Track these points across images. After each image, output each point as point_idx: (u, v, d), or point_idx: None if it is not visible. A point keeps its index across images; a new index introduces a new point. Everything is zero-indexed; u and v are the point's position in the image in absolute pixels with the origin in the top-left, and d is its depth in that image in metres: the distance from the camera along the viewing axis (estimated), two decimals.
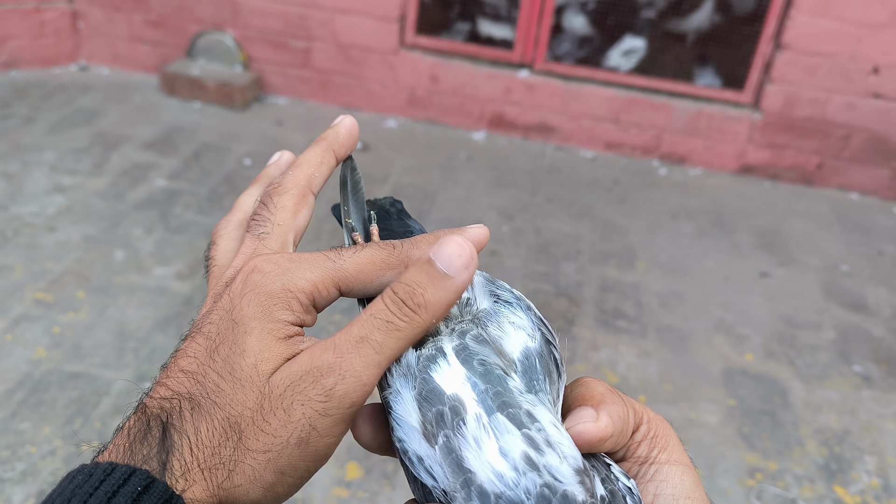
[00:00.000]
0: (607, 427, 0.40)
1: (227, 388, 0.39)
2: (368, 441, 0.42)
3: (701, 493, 0.43)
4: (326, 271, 0.43)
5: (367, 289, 0.44)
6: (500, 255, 3.08)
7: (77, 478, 0.36)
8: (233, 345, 0.40)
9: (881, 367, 2.68)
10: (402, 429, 0.39)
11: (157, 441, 0.38)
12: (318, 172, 0.50)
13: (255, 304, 0.41)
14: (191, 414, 0.39)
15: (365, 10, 3.97)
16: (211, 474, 0.38)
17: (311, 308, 0.43)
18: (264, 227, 0.47)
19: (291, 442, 0.38)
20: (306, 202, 0.49)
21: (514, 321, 0.43)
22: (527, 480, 0.35)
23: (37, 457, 1.97)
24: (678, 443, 0.44)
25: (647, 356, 2.60)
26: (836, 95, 3.74)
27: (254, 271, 0.42)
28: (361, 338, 0.39)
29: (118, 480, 0.35)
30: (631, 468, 0.43)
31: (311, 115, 4.15)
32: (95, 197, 3.16)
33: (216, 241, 0.49)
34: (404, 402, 0.39)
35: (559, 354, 0.43)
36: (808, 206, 3.79)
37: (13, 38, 4.16)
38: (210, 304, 0.44)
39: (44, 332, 2.38)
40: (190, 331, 0.43)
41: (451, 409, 0.38)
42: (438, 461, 0.37)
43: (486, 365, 0.40)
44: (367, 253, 0.44)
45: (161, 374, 0.42)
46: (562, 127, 4.09)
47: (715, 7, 3.89)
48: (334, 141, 0.52)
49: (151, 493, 0.35)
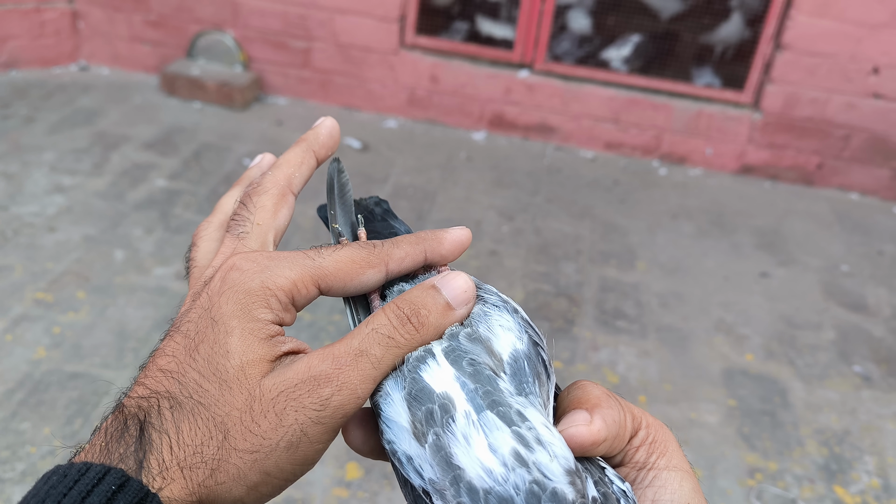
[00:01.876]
0: (600, 431, 0.39)
1: (212, 389, 0.39)
2: (359, 445, 0.42)
3: (700, 500, 0.42)
4: (306, 269, 0.42)
5: (347, 287, 0.44)
6: (500, 255, 3.08)
7: (52, 478, 0.36)
8: (214, 344, 0.40)
9: (881, 367, 2.67)
10: (391, 430, 0.39)
11: (133, 440, 0.38)
12: (298, 172, 0.50)
13: (234, 302, 0.41)
14: (171, 413, 0.39)
15: (365, 10, 3.97)
16: (191, 472, 0.38)
17: (291, 306, 0.43)
18: (244, 226, 0.47)
19: (281, 445, 0.38)
20: (286, 202, 0.49)
21: (503, 324, 0.43)
22: (516, 476, 0.35)
23: (37, 457, 1.97)
24: (678, 448, 0.44)
25: (647, 356, 2.60)
26: (836, 95, 3.74)
27: (232, 269, 0.42)
28: (361, 351, 0.39)
29: (92, 480, 0.35)
30: (629, 473, 0.42)
31: (311, 115, 4.15)
32: (95, 197, 3.16)
33: (197, 242, 0.49)
34: (394, 404, 0.39)
35: (547, 356, 0.43)
36: (808, 206, 3.79)
37: (13, 38, 4.16)
38: (189, 303, 0.43)
39: (44, 332, 2.38)
40: (169, 330, 0.43)
41: (441, 406, 0.38)
42: (428, 460, 0.37)
43: (476, 365, 0.40)
44: (347, 251, 0.44)
45: (140, 373, 0.42)
46: (562, 127, 4.09)
47: (744, 21, 3.84)
48: (314, 142, 0.52)
49: (126, 492, 0.35)
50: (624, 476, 0.42)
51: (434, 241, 0.46)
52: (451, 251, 0.47)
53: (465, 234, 0.47)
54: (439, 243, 0.46)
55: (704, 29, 3.96)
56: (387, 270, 0.45)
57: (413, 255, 0.46)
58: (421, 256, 0.46)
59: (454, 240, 0.46)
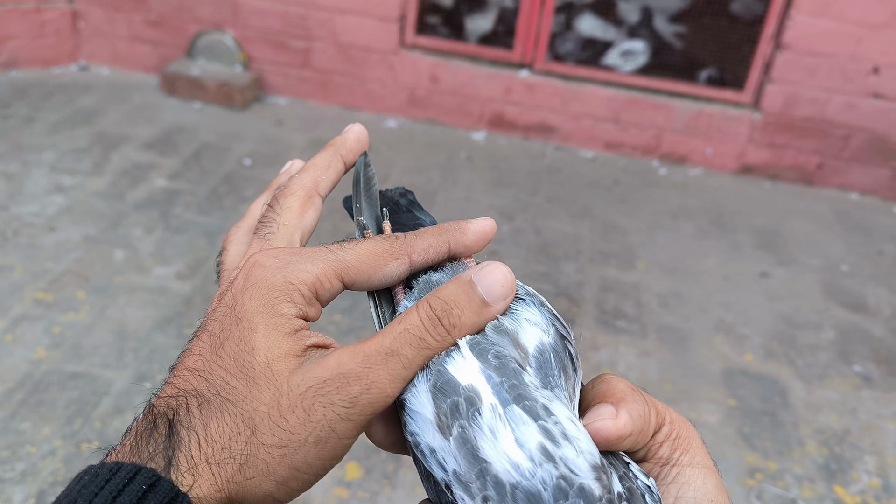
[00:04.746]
0: (626, 425, 0.39)
1: (239, 385, 0.39)
2: (381, 439, 0.42)
3: (724, 498, 0.42)
4: (328, 263, 0.42)
5: (371, 280, 0.44)
6: (500, 256, 3.08)
7: (84, 478, 0.36)
8: (239, 341, 0.40)
9: (881, 367, 2.68)
10: (415, 422, 0.39)
11: (162, 438, 0.38)
12: (325, 175, 0.50)
13: (257, 299, 0.41)
14: (199, 410, 0.39)
15: (365, 10, 3.97)
16: (220, 469, 0.38)
17: (315, 301, 0.43)
18: (270, 227, 0.47)
19: (309, 441, 0.38)
20: (312, 204, 0.49)
21: (529, 317, 0.42)
22: (543, 471, 0.35)
23: (37, 457, 1.97)
24: (701, 445, 0.44)
25: (647, 356, 2.60)
26: (836, 95, 3.74)
27: (255, 266, 0.42)
28: (392, 351, 0.39)
29: (123, 479, 0.36)
30: (652, 469, 0.42)
31: (311, 115, 4.15)
32: (95, 197, 3.16)
33: (227, 246, 0.49)
34: (419, 395, 0.39)
35: (574, 349, 0.43)
36: (808, 206, 3.79)
37: (13, 38, 4.16)
38: (215, 303, 0.44)
39: (44, 332, 2.38)
40: (197, 330, 0.44)
41: (467, 399, 0.38)
42: (452, 452, 0.37)
43: (501, 358, 0.39)
44: (370, 244, 0.44)
45: (170, 374, 0.42)
46: (562, 127, 4.09)
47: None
48: (342, 146, 0.52)
49: (157, 491, 0.36)
50: (647, 471, 0.42)
51: (458, 231, 0.46)
52: (476, 242, 0.46)
53: (489, 225, 0.47)
54: (463, 234, 0.46)
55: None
56: (410, 262, 0.45)
57: (436, 246, 0.45)
58: (444, 248, 0.46)
59: (478, 230, 0.46)
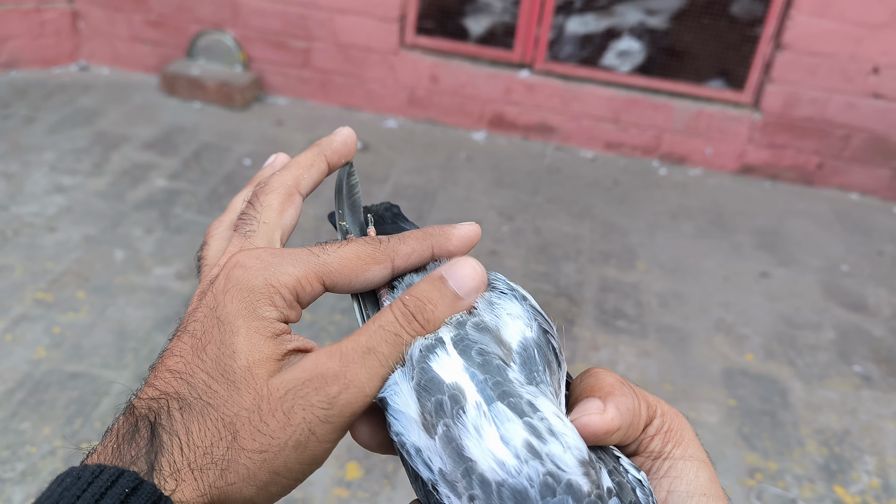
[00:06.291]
0: (614, 419, 0.39)
1: (220, 389, 0.39)
2: (367, 440, 0.42)
3: (717, 490, 0.41)
4: (310, 266, 0.42)
5: (353, 284, 0.44)
6: (500, 255, 3.08)
7: (65, 480, 0.36)
8: (220, 345, 0.40)
9: (881, 367, 2.67)
10: (399, 422, 0.39)
11: (145, 442, 0.38)
12: (306, 174, 0.50)
13: (238, 301, 0.41)
14: (180, 414, 0.39)
15: (365, 10, 3.97)
16: (202, 474, 0.38)
17: (296, 303, 0.42)
18: (250, 224, 0.47)
19: (289, 444, 0.38)
20: (293, 202, 0.49)
21: (511, 312, 0.42)
22: (529, 468, 0.35)
23: (37, 457, 1.97)
24: (694, 437, 0.43)
25: (647, 356, 2.60)
26: (836, 95, 3.74)
27: (236, 267, 0.42)
28: (369, 349, 0.39)
29: (106, 482, 0.35)
30: (644, 463, 0.42)
31: (311, 115, 4.15)
32: (95, 197, 3.16)
33: (208, 241, 0.49)
34: (402, 394, 0.39)
35: (558, 344, 0.42)
36: (808, 206, 3.79)
37: (13, 38, 4.16)
38: (196, 302, 0.43)
39: (44, 332, 2.38)
40: (177, 329, 0.43)
41: (451, 397, 0.37)
42: (438, 451, 0.37)
43: (485, 355, 0.39)
44: (353, 247, 0.43)
45: (150, 374, 0.42)
46: (562, 127, 4.09)
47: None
48: (327, 147, 0.52)
49: (139, 495, 0.35)
50: (639, 465, 0.41)
51: (442, 236, 0.45)
52: (460, 247, 0.46)
53: (473, 230, 0.46)
54: (447, 239, 0.45)
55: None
56: (392, 267, 0.44)
57: (420, 251, 0.45)
58: (428, 252, 0.45)
59: (462, 235, 0.46)
